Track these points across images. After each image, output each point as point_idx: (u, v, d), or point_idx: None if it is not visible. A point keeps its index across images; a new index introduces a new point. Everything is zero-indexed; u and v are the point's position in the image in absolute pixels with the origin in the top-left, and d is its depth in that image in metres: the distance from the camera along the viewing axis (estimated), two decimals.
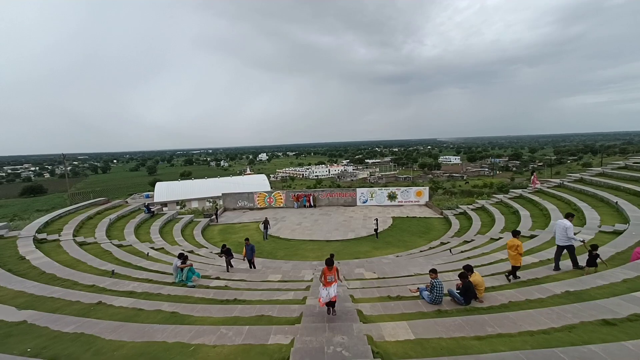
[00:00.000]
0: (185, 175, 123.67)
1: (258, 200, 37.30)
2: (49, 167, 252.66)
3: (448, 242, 20.35)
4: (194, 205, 56.03)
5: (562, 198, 22.43)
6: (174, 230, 25.35)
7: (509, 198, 27.04)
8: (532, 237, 16.20)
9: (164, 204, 52.43)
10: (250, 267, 14.99)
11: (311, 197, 36.43)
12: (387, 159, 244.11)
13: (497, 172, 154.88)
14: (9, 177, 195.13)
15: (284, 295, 8.95)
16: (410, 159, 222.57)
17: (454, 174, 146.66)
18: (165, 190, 60.80)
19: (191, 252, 19.75)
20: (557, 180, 26.88)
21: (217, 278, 11.91)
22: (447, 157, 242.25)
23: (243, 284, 10.82)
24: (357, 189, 37.30)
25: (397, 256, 18.90)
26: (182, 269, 10.83)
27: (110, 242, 17.89)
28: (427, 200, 35.76)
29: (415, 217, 30.25)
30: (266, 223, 25.57)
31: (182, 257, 11.07)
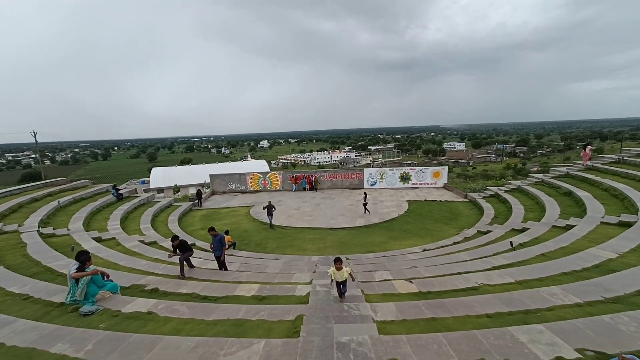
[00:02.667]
0: (185, 162, 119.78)
1: (251, 182, 32.54)
2: (50, 154, 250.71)
3: (489, 231, 15.58)
4: (192, 191, 52.35)
5: (631, 175, 17.55)
6: (144, 215, 20.66)
7: (553, 177, 22.12)
8: (624, 225, 11.41)
9: (160, 190, 49.11)
10: (220, 269, 10.29)
11: (312, 179, 31.61)
12: (390, 145, 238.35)
13: (504, 158, 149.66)
14: (10, 164, 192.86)
15: (244, 351, 4.22)
16: (414, 145, 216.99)
17: (460, 160, 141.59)
18: (162, 176, 57.18)
19: (154, 243, 15.15)
20: (614, 155, 21.94)
21: (154, 291, 7.24)
22: (451, 143, 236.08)
23: (184, 307, 6.09)
24: (364, 169, 32.43)
25: (425, 250, 14.18)
26: (76, 280, 6.12)
27: (38, 231, 13.20)
28: (446, 182, 30.93)
29: (434, 200, 25.46)
30: (270, 208, 20.29)
31: (81, 257, 6.33)
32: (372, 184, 31.55)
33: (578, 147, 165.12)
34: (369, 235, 17.97)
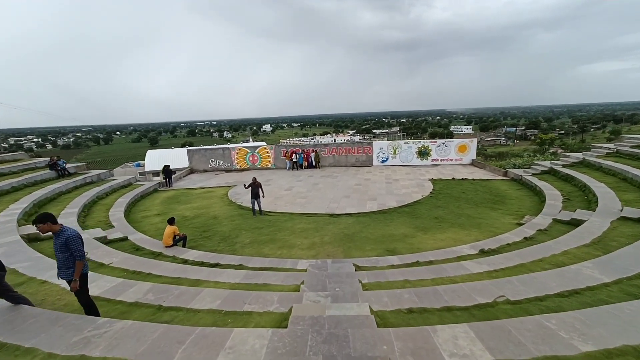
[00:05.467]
0: (185, 146, 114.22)
1: (237, 158, 27.01)
2: (52, 138, 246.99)
3: (577, 221, 10.01)
4: None
5: None
6: (80, 197, 15.36)
7: (633, 147, 16.43)
8: None
9: (156, 173, 45.05)
10: (87, 312, 4.79)
11: (311, 154, 25.96)
12: (395, 129, 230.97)
13: (515, 141, 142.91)
14: (12, 148, 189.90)
15: None
16: (420, 128, 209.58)
17: None
18: (157, 159, 52.83)
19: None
20: None
21: None
22: (458, 127, 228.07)
23: None
24: (373, 142, 26.71)
25: (483, 251, 8.67)
26: None
27: None
28: (474, 157, 25.21)
29: (465, 179, 19.84)
30: (256, 187, 14.36)
31: None
32: (383, 161, 25.91)
33: (592, 129, 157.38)
34: (386, 225, 12.48)
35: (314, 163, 25.81)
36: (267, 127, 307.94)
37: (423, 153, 25.52)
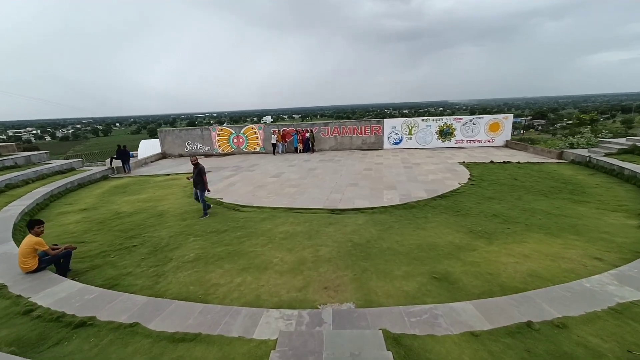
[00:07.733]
0: None
1: (219, 141, 22.26)
2: (51, 130, 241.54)
3: None
4: None
5: None
6: None
7: None
8: None
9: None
10: None
11: (307, 135, 21.16)
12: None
13: (522, 131, 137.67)
14: (10, 139, 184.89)
15: None
16: None
17: None
18: (152, 149, 48.32)
19: None
20: None
21: None
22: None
23: None
24: (384, 120, 21.79)
25: None
26: None
27: None
28: (508, 138, 20.38)
29: (508, 162, 15.08)
30: (199, 173, 9.19)
31: None
32: (396, 143, 21.12)
33: (602, 119, 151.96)
34: (419, 227, 7.79)
35: (311, 146, 21.01)
36: (268, 119, 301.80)
37: (445, 133, 20.71)
